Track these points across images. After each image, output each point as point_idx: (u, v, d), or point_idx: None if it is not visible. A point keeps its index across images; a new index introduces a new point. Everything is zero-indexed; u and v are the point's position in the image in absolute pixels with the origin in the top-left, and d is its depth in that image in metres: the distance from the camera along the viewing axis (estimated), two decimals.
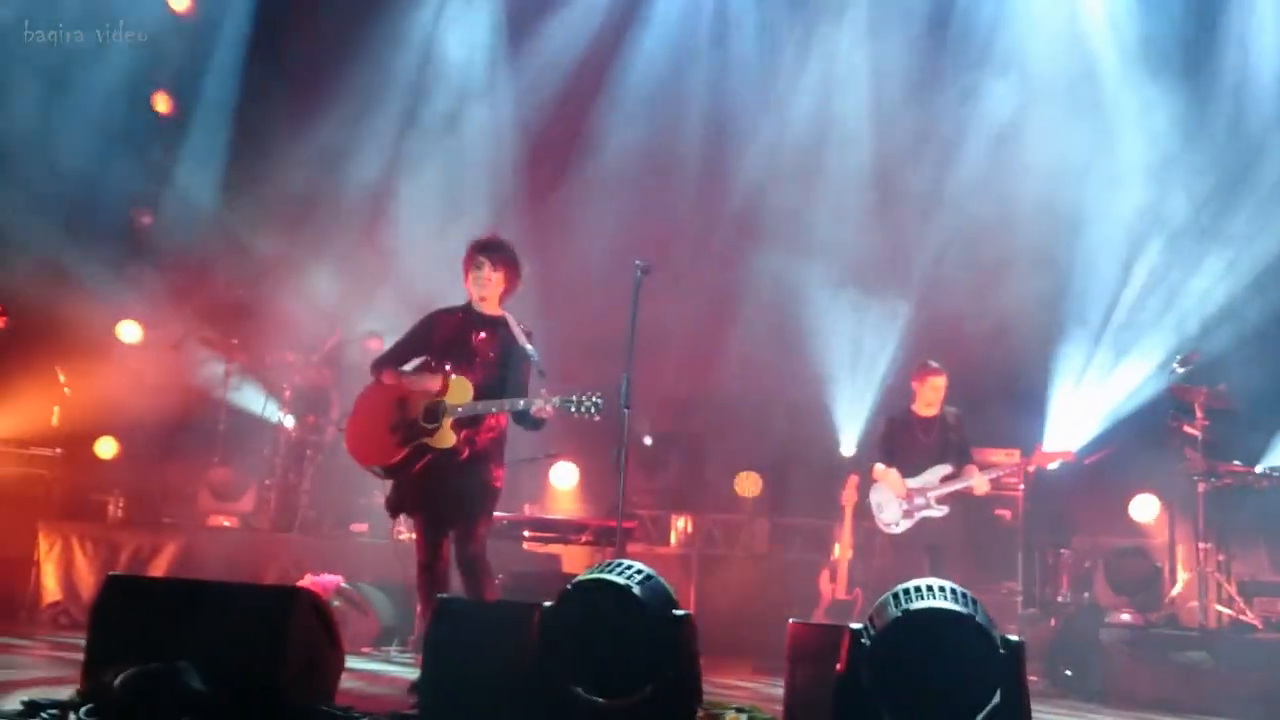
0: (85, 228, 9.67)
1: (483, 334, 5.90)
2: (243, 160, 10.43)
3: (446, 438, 5.69)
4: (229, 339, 9.78)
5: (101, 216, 9.97)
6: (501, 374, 5.86)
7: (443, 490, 5.76)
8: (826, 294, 10.38)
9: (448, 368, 5.84)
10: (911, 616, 3.73)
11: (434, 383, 5.79)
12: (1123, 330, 9.75)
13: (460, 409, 5.70)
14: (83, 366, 9.60)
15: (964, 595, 3.79)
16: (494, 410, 5.75)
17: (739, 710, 4.96)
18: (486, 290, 5.92)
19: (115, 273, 10.08)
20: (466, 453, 5.74)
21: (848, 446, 10.34)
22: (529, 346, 5.88)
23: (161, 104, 10.45)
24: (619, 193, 10.62)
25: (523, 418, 5.82)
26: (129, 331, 10.33)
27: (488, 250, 5.94)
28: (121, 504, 9.18)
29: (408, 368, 6.00)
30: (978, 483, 7.71)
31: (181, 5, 10.29)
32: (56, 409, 9.39)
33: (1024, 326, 9.77)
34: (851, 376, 10.28)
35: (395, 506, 6.00)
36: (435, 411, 5.75)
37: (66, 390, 9.45)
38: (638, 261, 5.93)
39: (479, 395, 5.74)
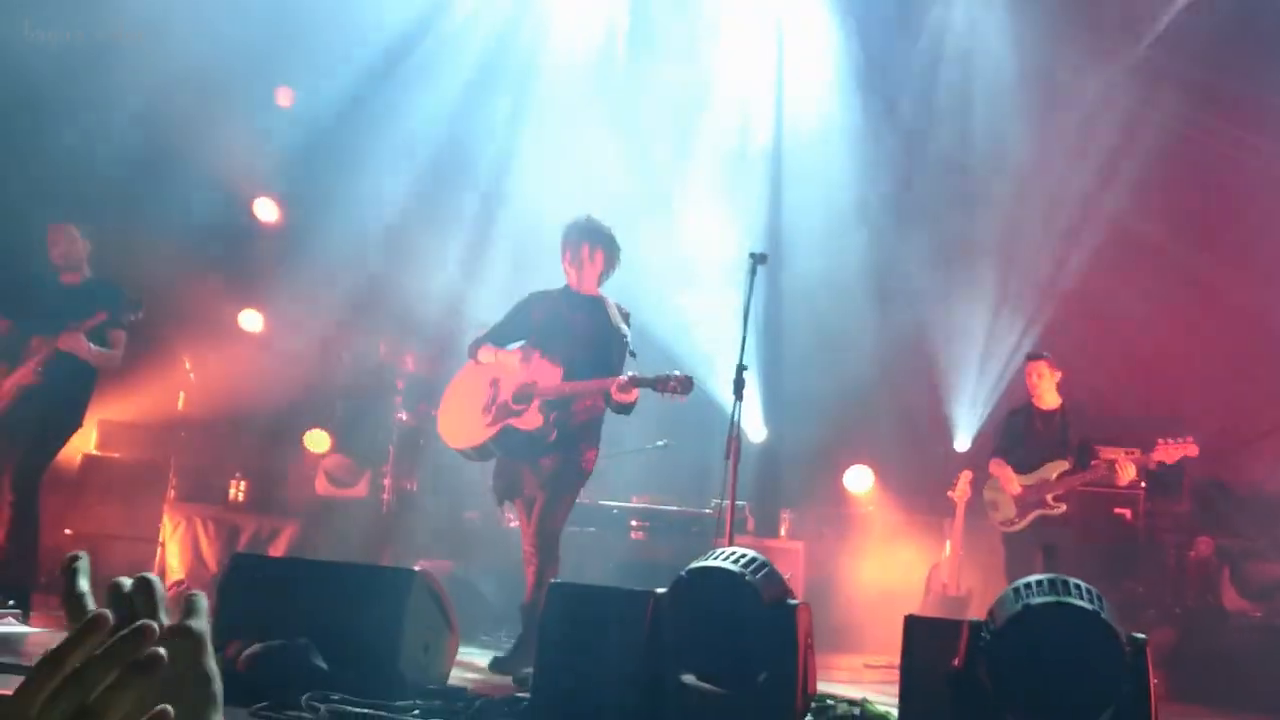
0: (209, 217, 9.92)
1: (580, 315, 5.95)
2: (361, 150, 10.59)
3: (533, 419, 5.74)
4: (349, 328, 10.01)
5: (225, 206, 10.22)
6: (598, 354, 5.87)
7: (533, 472, 5.85)
8: (950, 286, 10.22)
9: (539, 349, 5.87)
10: (1034, 611, 3.63)
11: (524, 365, 5.85)
12: None
13: (548, 391, 5.73)
14: (207, 353, 9.91)
15: (1089, 591, 3.68)
16: (579, 393, 5.76)
17: (851, 704, 4.91)
18: (585, 272, 5.96)
19: (239, 261, 10.38)
20: (555, 435, 5.77)
21: (963, 441, 10.18)
22: (624, 327, 5.95)
23: (283, 98, 10.69)
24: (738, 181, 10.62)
25: (608, 401, 5.79)
26: (251, 320, 10.60)
27: (586, 233, 5.98)
28: (243, 487, 9.44)
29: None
30: (1123, 473, 7.35)
31: None
32: (182, 394, 9.71)
33: (1158, 327, 9.53)
34: (971, 371, 10.10)
35: (500, 493, 6.08)
36: (525, 393, 5.79)
37: (191, 376, 9.76)
38: (752, 251, 5.90)
39: (572, 376, 5.75)
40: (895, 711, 4.44)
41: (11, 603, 6.06)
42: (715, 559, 4.09)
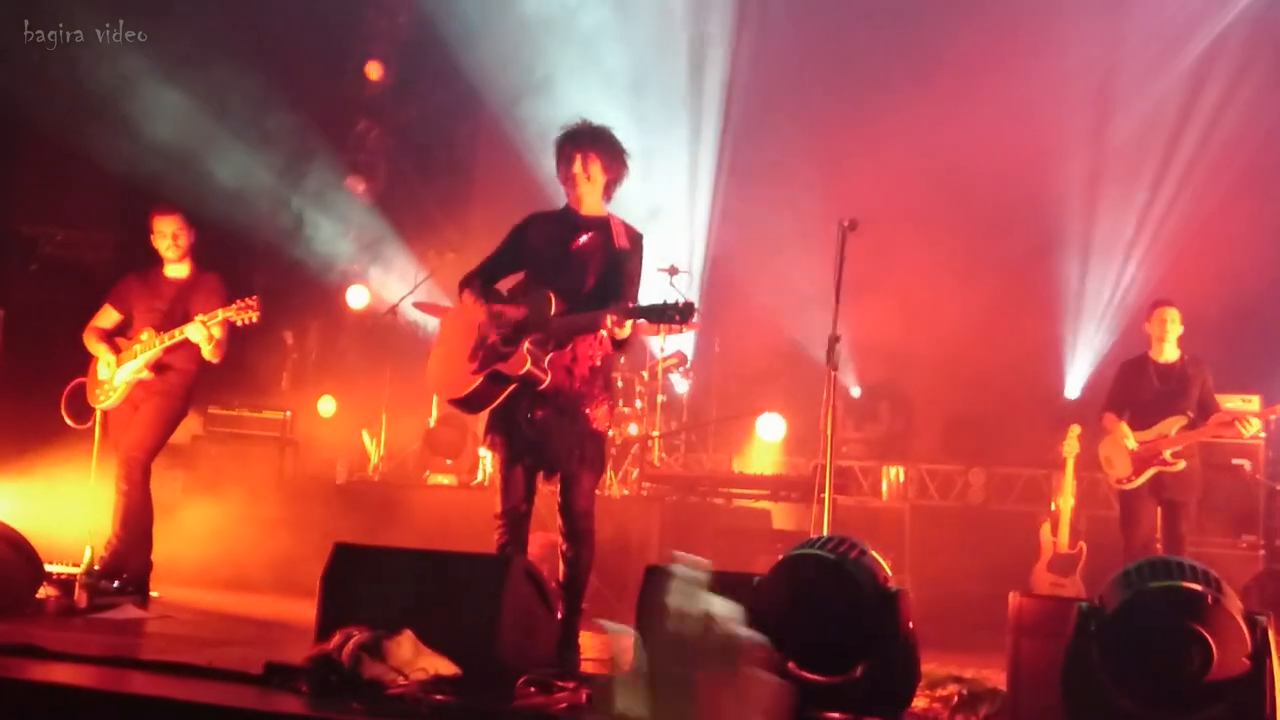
0: None
1: (580, 239, 5.02)
2: None
3: (519, 363, 4.80)
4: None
5: None
6: (597, 284, 4.95)
7: (533, 433, 4.92)
8: (1054, 233, 9.91)
9: (534, 280, 5.01)
10: (1146, 596, 3.49)
11: (516, 301, 4.99)
12: None
13: (539, 328, 4.84)
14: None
15: (1204, 573, 3.53)
16: (575, 328, 4.86)
17: (958, 680, 4.80)
18: (582, 188, 5.05)
19: None
20: (548, 380, 4.84)
21: (1073, 391, 9.90)
22: (628, 251, 5.04)
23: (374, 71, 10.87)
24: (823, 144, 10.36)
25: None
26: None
27: (576, 140, 5.04)
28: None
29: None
30: (1245, 427, 7.08)
31: None
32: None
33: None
34: (1081, 319, 9.80)
35: (506, 455, 5.07)
36: (515, 333, 4.90)
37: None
38: (842, 219, 5.71)
39: (570, 309, 4.86)
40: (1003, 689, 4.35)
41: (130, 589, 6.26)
42: (813, 547, 4.00)
